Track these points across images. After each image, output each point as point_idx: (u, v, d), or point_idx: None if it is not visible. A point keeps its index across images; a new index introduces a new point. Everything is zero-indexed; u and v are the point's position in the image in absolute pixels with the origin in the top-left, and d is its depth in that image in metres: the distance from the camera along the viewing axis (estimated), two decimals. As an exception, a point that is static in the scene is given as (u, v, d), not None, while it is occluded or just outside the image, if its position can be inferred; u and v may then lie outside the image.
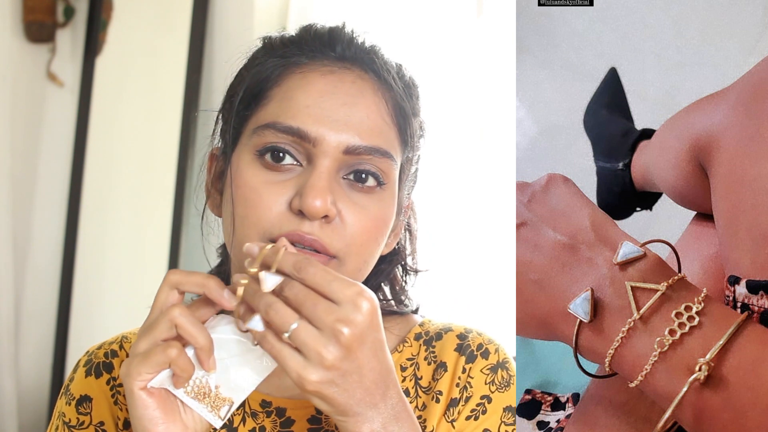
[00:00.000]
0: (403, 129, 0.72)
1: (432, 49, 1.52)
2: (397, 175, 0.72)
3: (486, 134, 1.54)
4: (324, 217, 0.66)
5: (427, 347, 0.77)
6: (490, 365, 0.75)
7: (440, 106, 1.45)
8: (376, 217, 0.69)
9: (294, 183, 0.67)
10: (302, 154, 0.68)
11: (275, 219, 0.66)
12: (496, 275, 1.48)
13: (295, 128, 0.67)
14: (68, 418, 0.77)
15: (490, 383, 0.75)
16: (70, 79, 2.10)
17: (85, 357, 0.80)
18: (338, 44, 0.71)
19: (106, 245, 2.01)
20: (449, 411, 0.74)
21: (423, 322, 0.80)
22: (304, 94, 0.69)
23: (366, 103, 0.69)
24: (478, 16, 1.54)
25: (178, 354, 0.60)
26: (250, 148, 0.69)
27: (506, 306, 1.36)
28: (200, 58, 1.87)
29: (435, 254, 0.85)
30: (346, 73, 0.70)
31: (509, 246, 0.61)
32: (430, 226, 0.85)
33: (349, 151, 0.67)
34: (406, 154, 0.73)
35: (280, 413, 0.75)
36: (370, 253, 0.70)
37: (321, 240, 0.66)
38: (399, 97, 0.72)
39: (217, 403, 0.63)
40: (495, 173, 1.51)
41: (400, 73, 0.74)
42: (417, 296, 0.84)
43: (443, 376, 0.75)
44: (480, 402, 0.74)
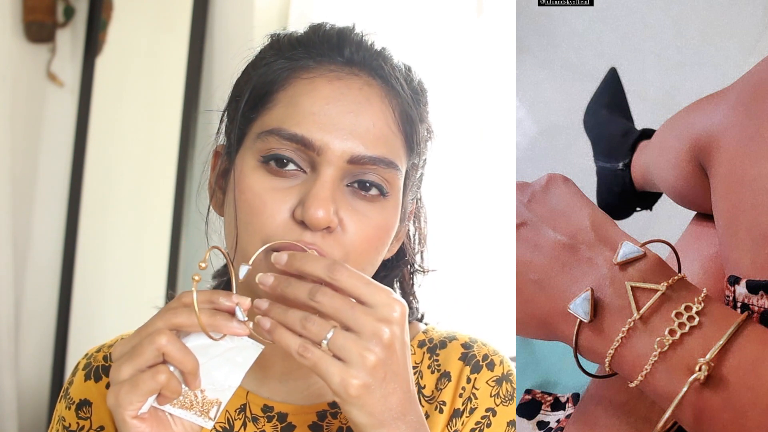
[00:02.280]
0: (410, 136, 0.71)
1: (432, 49, 1.52)
2: (402, 183, 0.71)
3: (486, 134, 1.54)
4: (326, 228, 0.65)
5: (431, 355, 0.77)
6: (495, 377, 0.75)
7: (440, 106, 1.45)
8: (377, 226, 0.68)
9: (297, 190, 0.66)
10: (306, 161, 0.67)
11: (278, 228, 0.65)
12: (496, 275, 1.48)
13: (299, 136, 0.66)
14: (68, 422, 0.77)
15: (495, 396, 0.74)
16: (70, 79, 2.10)
17: (84, 360, 0.80)
18: (347, 48, 0.70)
19: (106, 245, 2.01)
20: (452, 422, 0.73)
21: (427, 329, 0.80)
22: (310, 101, 0.68)
23: (372, 111, 0.68)
24: (478, 16, 1.54)
25: (168, 379, 0.59)
26: (255, 153, 0.68)
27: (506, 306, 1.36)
28: (200, 58, 1.87)
29: (435, 254, 0.84)
30: (354, 80, 0.69)
31: (509, 246, 0.61)
32: (430, 226, 0.85)
33: (353, 161, 0.66)
34: (411, 161, 0.72)
35: (282, 418, 0.74)
36: (369, 261, 0.69)
37: (320, 248, 0.65)
38: (406, 104, 0.71)
39: (205, 407, 0.63)
40: (495, 173, 1.51)
41: (408, 78, 0.73)
42: (418, 297, 0.84)
43: (447, 386, 0.75)
44: (485, 415, 0.73)
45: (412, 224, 0.81)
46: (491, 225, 1.50)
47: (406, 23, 1.55)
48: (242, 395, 0.75)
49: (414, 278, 0.82)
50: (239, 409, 0.75)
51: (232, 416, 0.74)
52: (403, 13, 1.56)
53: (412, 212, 0.79)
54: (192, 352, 0.60)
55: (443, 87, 1.49)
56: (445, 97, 1.49)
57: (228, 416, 0.75)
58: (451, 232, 1.49)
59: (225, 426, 0.74)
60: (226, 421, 0.74)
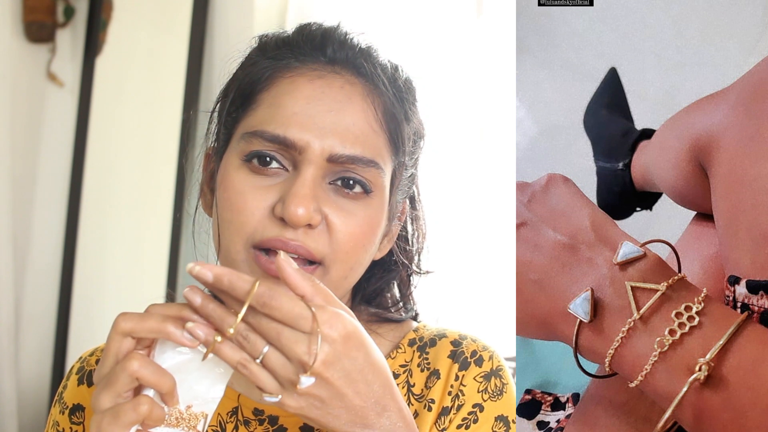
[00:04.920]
0: (394, 134, 0.71)
1: (432, 49, 1.52)
2: (387, 181, 0.71)
3: (486, 134, 1.54)
4: (307, 225, 0.65)
5: (421, 353, 0.76)
6: (483, 373, 0.74)
7: (440, 106, 1.45)
8: (363, 224, 0.68)
9: (279, 188, 0.67)
10: (289, 160, 0.67)
11: (258, 224, 0.66)
12: (496, 275, 1.48)
13: (281, 137, 0.66)
14: (62, 427, 0.77)
15: (483, 391, 0.73)
16: (70, 79, 2.10)
17: (77, 364, 0.80)
18: (329, 46, 0.71)
19: (106, 245, 2.02)
20: (440, 420, 0.73)
21: (418, 327, 0.79)
22: (292, 101, 0.68)
23: (353, 109, 0.68)
24: (478, 16, 1.54)
25: (149, 409, 0.58)
26: (238, 153, 0.68)
27: (506, 306, 1.36)
28: (200, 58, 1.87)
29: (435, 254, 0.84)
30: (335, 78, 0.69)
31: (509, 246, 0.61)
32: (429, 226, 0.84)
33: (332, 159, 0.67)
34: (398, 159, 0.72)
35: (273, 421, 0.74)
36: (357, 260, 0.69)
37: (306, 245, 0.65)
38: (389, 102, 0.71)
39: (191, 421, 0.62)
40: (495, 173, 1.51)
41: (394, 76, 0.73)
42: (417, 297, 0.83)
43: (436, 384, 0.74)
44: (472, 411, 0.73)
45: (410, 225, 0.80)
46: (491, 225, 1.50)
47: (405, 23, 1.55)
48: (234, 398, 0.75)
49: (412, 280, 0.82)
50: (231, 412, 0.74)
51: (224, 419, 0.74)
52: (403, 13, 1.56)
53: (403, 212, 0.78)
54: (168, 372, 0.59)
55: (443, 87, 1.49)
56: (445, 97, 1.49)
57: (220, 419, 0.74)
58: (451, 232, 1.49)
59: (217, 429, 0.74)
60: (218, 424, 0.74)
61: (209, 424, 0.62)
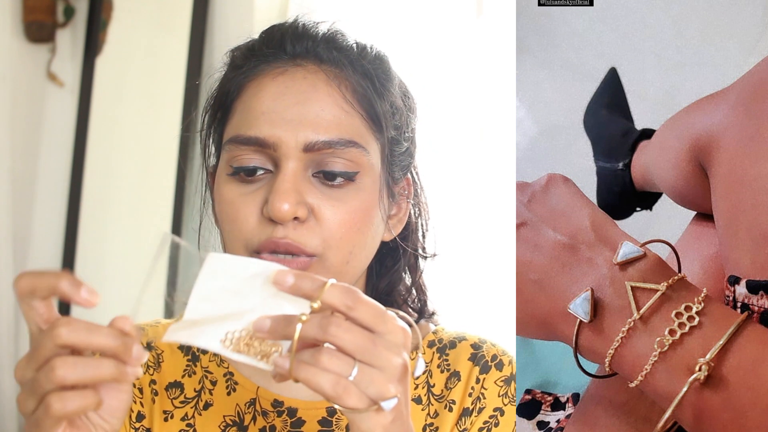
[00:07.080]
0: (370, 112, 0.71)
1: (432, 49, 1.52)
2: (376, 159, 0.71)
3: (486, 134, 1.54)
4: (295, 219, 0.66)
5: (441, 355, 0.78)
6: (504, 377, 0.76)
7: (440, 107, 1.45)
8: (353, 209, 0.69)
9: (264, 191, 0.68)
10: (269, 160, 0.69)
11: (252, 229, 0.67)
12: (496, 275, 1.48)
13: (253, 138, 0.68)
14: None
15: (503, 395, 0.75)
16: (70, 79, 2.10)
17: None
18: (288, 42, 0.72)
19: (106, 245, 2.01)
20: (461, 420, 0.74)
21: (437, 329, 0.80)
22: (259, 101, 0.69)
23: (319, 97, 0.69)
24: (478, 16, 1.54)
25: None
26: (224, 165, 0.71)
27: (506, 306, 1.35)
28: (200, 58, 1.87)
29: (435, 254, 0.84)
30: (297, 70, 0.71)
31: (509, 246, 0.61)
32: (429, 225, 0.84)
33: (308, 149, 0.67)
34: (386, 135, 0.72)
35: (291, 413, 0.75)
36: (354, 244, 0.69)
37: (295, 241, 0.66)
38: (356, 82, 0.71)
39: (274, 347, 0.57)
40: (495, 173, 1.51)
41: (360, 55, 0.73)
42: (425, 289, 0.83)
43: (456, 385, 0.75)
44: (493, 414, 0.74)
45: (412, 210, 0.80)
46: (491, 225, 1.49)
47: (405, 23, 1.55)
48: (252, 390, 0.75)
49: (419, 264, 0.81)
50: (249, 403, 0.75)
51: (242, 410, 0.75)
52: (403, 13, 1.56)
53: (410, 190, 0.78)
54: (105, 329, 0.58)
55: (443, 87, 1.49)
56: (445, 97, 1.49)
57: (238, 410, 0.75)
58: (451, 232, 1.48)
59: (235, 420, 0.75)
60: (235, 414, 0.75)
61: (227, 413, 0.60)
